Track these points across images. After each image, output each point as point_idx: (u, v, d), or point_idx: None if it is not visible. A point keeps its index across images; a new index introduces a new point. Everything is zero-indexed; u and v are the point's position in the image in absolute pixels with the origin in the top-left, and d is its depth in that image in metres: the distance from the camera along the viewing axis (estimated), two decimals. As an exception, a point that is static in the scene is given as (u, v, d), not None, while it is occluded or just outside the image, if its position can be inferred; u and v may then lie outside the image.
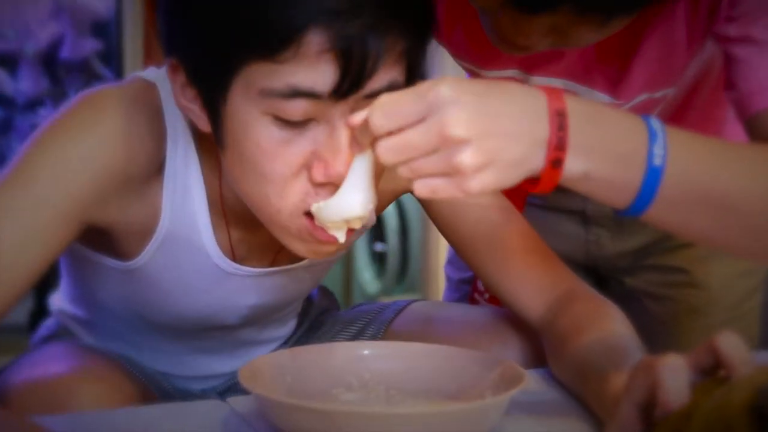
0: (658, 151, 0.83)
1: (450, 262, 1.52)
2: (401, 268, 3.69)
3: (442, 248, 2.42)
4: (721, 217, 0.89)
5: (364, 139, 0.83)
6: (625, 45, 1.10)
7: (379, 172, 0.91)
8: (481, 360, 0.96)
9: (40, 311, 2.72)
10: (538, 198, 1.38)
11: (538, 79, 1.15)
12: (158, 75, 1.03)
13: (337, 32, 0.84)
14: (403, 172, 0.80)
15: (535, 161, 0.81)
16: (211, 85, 0.91)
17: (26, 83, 2.89)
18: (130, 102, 0.99)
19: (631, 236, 1.36)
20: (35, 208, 0.93)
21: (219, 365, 1.23)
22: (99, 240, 1.05)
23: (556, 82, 1.14)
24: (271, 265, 1.12)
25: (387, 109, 0.79)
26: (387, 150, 0.80)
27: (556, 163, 0.81)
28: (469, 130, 0.78)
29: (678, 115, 1.22)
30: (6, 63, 2.87)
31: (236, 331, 1.18)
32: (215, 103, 0.91)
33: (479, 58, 1.17)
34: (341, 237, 0.93)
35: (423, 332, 1.17)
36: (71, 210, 0.95)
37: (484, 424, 0.85)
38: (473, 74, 1.21)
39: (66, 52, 2.89)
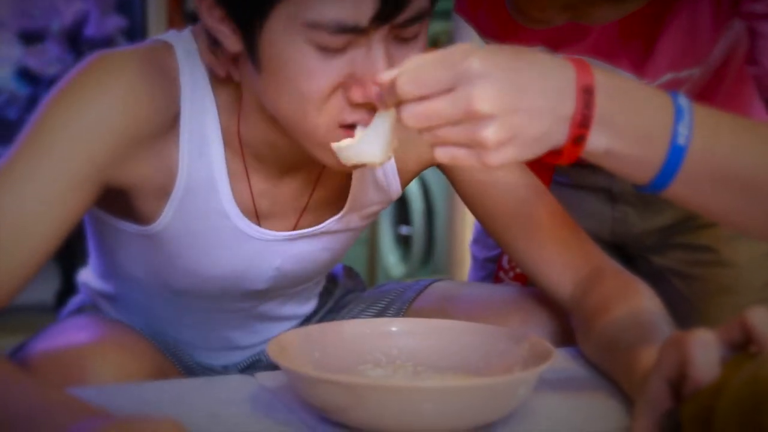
0: (682, 130, 0.83)
1: (476, 241, 1.51)
2: (426, 251, 3.69)
3: (467, 231, 2.41)
4: (743, 197, 0.88)
5: (390, 98, 0.83)
6: (650, 23, 1.09)
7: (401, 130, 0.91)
8: (510, 336, 0.95)
9: (67, 290, 2.75)
10: (565, 176, 1.37)
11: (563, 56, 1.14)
12: (177, 36, 1.04)
13: None
14: (426, 136, 0.81)
15: (557, 137, 0.81)
16: (246, 14, 0.92)
17: (51, 60, 2.90)
18: (140, 61, 0.99)
19: (658, 214, 1.35)
20: (52, 172, 0.94)
21: (242, 339, 1.23)
22: (120, 204, 1.06)
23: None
24: (294, 229, 1.12)
25: (415, 75, 0.80)
26: (411, 115, 0.80)
27: (578, 139, 0.81)
28: (495, 107, 0.78)
29: (704, 95, 1.21)
30: (32, 40, 2.88)
31: (260, 304, 1.18)
32: (251, 27, 0.92)
33: (503, 35, 1.17)
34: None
35: (444, 310, 1.18)
36: (88, 171, 0.96)
37: (512, 399, 0.84)
38: None
39: (91, 30, 2.90)
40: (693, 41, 1.10)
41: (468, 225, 1.50)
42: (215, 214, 1.06)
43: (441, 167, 1.14)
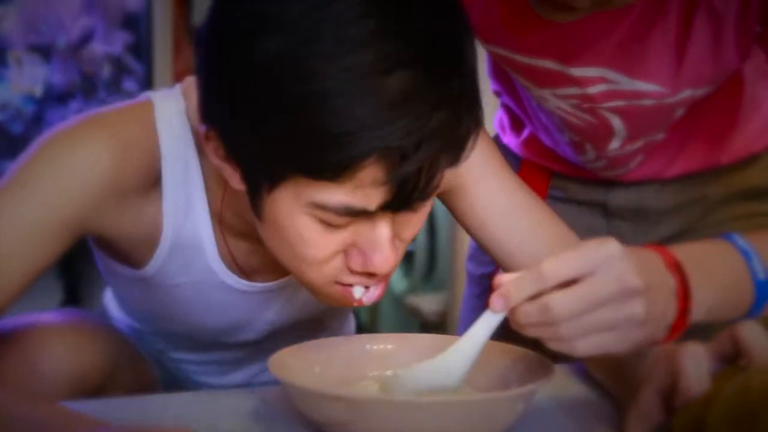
0: (757, 266, 0.90)
1: (471, 258, 1.52)
2: (429, 267, 3.68)
3: (469, 246, 2.42)
4: None
5: (520, 294, 0.81)
6: (674, 33, 1.10)
7: None
8: (508, 352, 0.96)
9: (70, 303, 2.75)
10: (560, 190, 1.38)
11: (576, 70, 1.14)
12: (161, 94, 1.03)
13: (395, 167, 0.82)
14: (568, 331, 0.79)
15: (669, 314, 0.84)
16: (253, 176, 0.89)
17: (57, 76, 2.91)
18: (115, 120, 0.99)
19: (653, 229, 1.36)
20: (35, 209, 0.94)
21: (244, 375, 1.26)
22: (112, 248, 1.07)
23: (594, 71, 1.14)
24: (284, 276, 1.12)
25: (560, 259, 0.80)
26: (564, 300, 0.79)
27: (685, 312, 0.84)
28: (642, 280, 0.80)
29: (698, 104, 1.22)
30: (38, 56, 2.89)
31: (261, 345, 1.19)
32: (257, 187, 0.89)
33: (516, 42, 1.16)
34: (372, 295, 0.94)
35: None
36: (69, 217, 0.96)
37: (510, 414, 0.85)
38: (505, 62, 1.21)
39: (97, 45, 2.91)
40: (718, 59, 1.11)
41: (469, 241, 1.51)
42: (202, 270, 1.06)
43: (443, 195, 1.12)
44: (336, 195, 0.84)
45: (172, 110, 1.01)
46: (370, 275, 0.91)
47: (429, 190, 0.86)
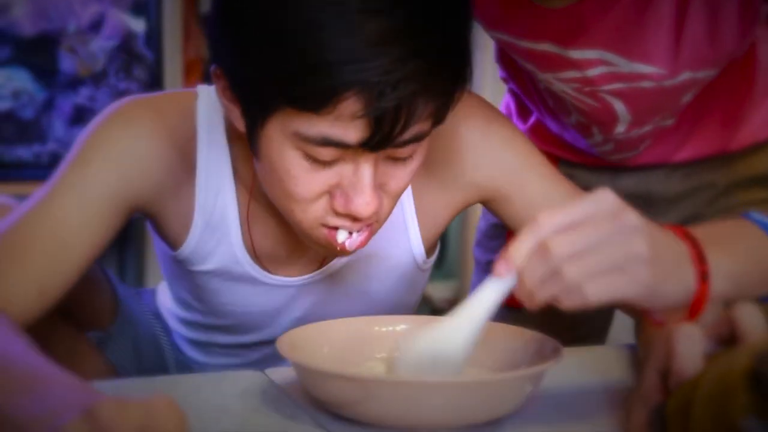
0: None
1: (478, 244, 1.52)
2: (439, 255, 3.67)
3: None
4: None
5: (520, 253, 0.80)
6: (671, 15, 1.09)
7: None
8: (518, 333, 0.96)
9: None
10: (567, 177, 1.37)
11: (574, 52, 1.14)
12: (205, 88, 1.10)
13: (373, 101, 0.85)
14: (573, 275, 0.78)
15: (686, 272, 0.83)
16: (250, 109, 0.94)
17: (67, 63, 2.91)
18: (161, 104, 1.08)
19: (661, 216, 1.36)
20: (93, 188, 1.01)
21: None
22: (157, 227, 1.13)
23: (593, 53, 1.13)
24: (310, 273, 1.14)
25: (555, 210, 0.80)
26: (561, 241, 0.78)
27: (704, 275, 0.84)
28: (639, 219, 0.80)
29: (707, 90, 1.21)
30: (49, 42, 2.90)
31: None
32: (253, 121, 0.94)
33: (515, 27, 1.16)
34: (355, 241, 0.97)
35: None
36: (123, 192, 1.03)
37: (519, 395, 0.85)
38: (507, 46, 1.20)
39: (107, 32, 2.92)
40: (715, 41, 1.11)
41: (479, 229, 1.51)
42: (228, 256, 1.10)
43: (487, 203, 1.14)
44: (316, 126, 0.88)
45: (212, 101, 1.08)
46: (354, 220, 0.94)
47: (408, 135, 0.89)
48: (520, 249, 0.79)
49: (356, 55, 0.84)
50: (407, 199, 1.13)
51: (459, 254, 3.39)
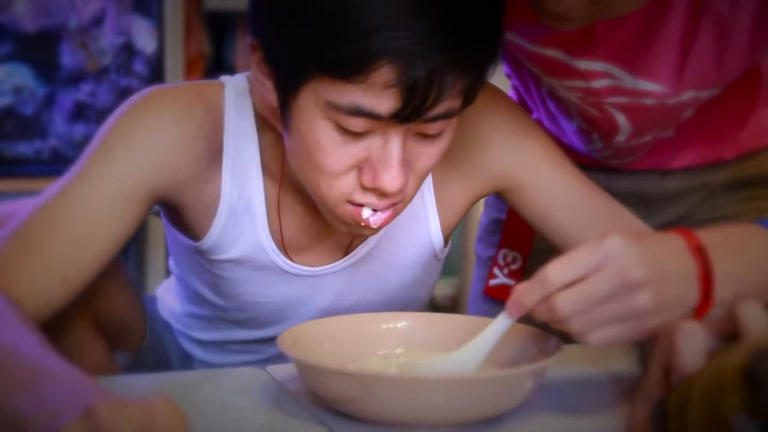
0: None
1: (479, 240, 1.52)
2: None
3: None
4: None
5: (530, 299, 0.83)
6: (679, 35, 1.09)
7: None
8: (519, 330, 0.96)
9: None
10: None
11: (581, 62, 1.14)
12: (230, 78, 1.11)
13: (405, 71, 0.87)
14: (578, 324, 0.82)
15: (691, 298, 0.85)
16: (284, 78, 0.95)
17: (69, 59, 2.91)
18: (188, 93, 1.08)
19: (658, 214, 1.35)
20: (119, 177, 1.01)
21: None
22: (178, 218, 1.12)
23: (599, 65, 1.13)
24: (335, 261, 1.14)
25: (564, 264, 0.82)
26: (568, 300, 0.81)
27: (708, 293, 0.85)
28: (646, 273, 0.81)
29: (709, 105, 1.21)
30: (50, 38, 2.90)
31: None
32: (286, 91, 0.95)
33: (524, 31, 1.16)
34: (380, 218, 0.98)
35: None
36: (149, 180, 1.02)
37: (520, 392, 0.85)
38: (516, 49, 1.20)
39: (108, 28, 2.91)
40: (722, 65, 1.11)
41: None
42: (252, 244, 1.10)
43: (503, 193, 1.16)
44: (349, 95, 0.89)
45: (239, 91, 1.09)
46: (380, 195, 0.95)
47: (438, 109, 0.91)
48: (528, 300, 0.84)
49: (390, 23, 0.86)
50: (427, 187, 1.14)
51: (460, 251, 3.39)
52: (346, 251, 1.15)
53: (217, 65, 3.14)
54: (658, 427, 0.74)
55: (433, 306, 3.27)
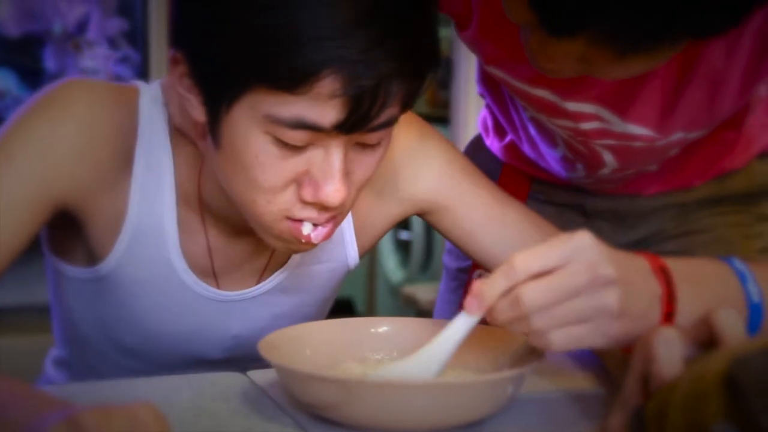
0: (752, 289, 0.89)
1: (449, 252, 1.52)
2: (426, 256, 3.68)
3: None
4: None
5: (492, 292, 0.81)
6: (671, 83, 1.09)
7: None
8: (500, 335, 0.96)
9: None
10: (540, 193, 1.37)
11: (571, 105, 1.13)
12: (145, 85, 1.05)
13: (352, 80, 0.85)
14: (539, 323, 0.80)
15: (653, 316, 0.84)
16: (215, 93, 0.91)
17: (53, 63, 2.90)
18: (104, 93, 1.01)
19: (631, 229, 1.35)
20: (9, 183, 0.95)
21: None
22: (73, 240, 1.06)
23: (589, 108, 1.13)
24: (250, 286, 1.11)
25: (531, 256, 0.80)
26: (534, 293, 0.79)
27: (669, 315, 0.84)
28: (615, 271, 0.80)
29: (696, 142, 1.21)
30: (34, 43, 2.89)
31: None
32: (216, 107, 0.91)
33: (513, 70, 1.16)
34: (321, 233, 0.95)
35: None
36: (44, 187, 0.97)
37: (501, 396, 0.85)
38: (504, 82, 1.19)
39: (92, 32, 2.91)
40: (711, 106, 1.10)
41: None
42: (162, 264, 1.05)
43: (425, 215, 1.15)
44: (291, 108, 0.86)
45: (154, 99, 1.03)
46: (322, 209, 0.93)
47: (382, 118, 0.89)
48: (491, 291, 0.81)
49: (335, 32, 0.84)
50: None
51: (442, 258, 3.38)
52: (260, 277, 1.11)
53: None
54: None
55: (417, 311, 3.27)
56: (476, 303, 0.82)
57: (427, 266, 3.69)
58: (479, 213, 1.12)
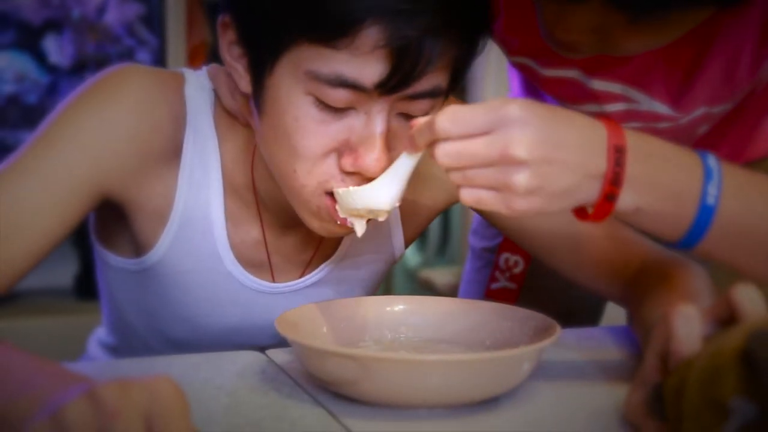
0: (712, 190, 0.84)
1: (474, 232, 1.51)
2: (442, 241, 3.68)
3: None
4: None
5: (421, 140, 0.83)
6: (690, 58, 1.09)
7: (417, 175, 0.91)
8: (515, 314, 0.96)
9: (85, 273, 2.76)
10: None
11: (598, 83, 1.13)
12: (192, 72, 1.04)
13: (396, 29, 0.84)
14: (455, 177, 0.81)
15: (586, 193, 0.82)
16: (260, 52, 0.91)
17: (71, 48, 2.91)
18: (156, 81, 1.00)
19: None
20: (55, 171, 0.94)
21: None
22: (120, 230, 1.05)
23: (616, 87, 1.13)
24: (298, 278, 1.10)
25: (455, 116, 0.80)
26: (446, 153, 0.80)
27: (610, 197, 0.82)
28: (531, 153, 0.79)
29: (724, 123, 1.20)
30: (52, 28, 2.90)
31: None
32: (261, 69, 0.91)
33: (538, 56, 1.15)
34: (360, 228, 0.94)
35: None
36: (91, 175, 0.96)
37: (517, 373, 0.85)
38: (530, 73, 1.19)
39: (110, 17, 2.91)
40: (730, 79, 1.10)
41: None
42: (209, 256, 1.05)
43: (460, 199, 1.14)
44: (332, 64, 0.86)
45: (202, 87, 1.02)
46: (361, 180, 0.91)
47: (426, 84, 0.88)
48: (419, 140, 0.82)
49: None
50: None
51: (461, 240, 3.39)
52: (306, 269, 1.11)
53: (219, 54, 3.14)
54: (654, 411, 0.75)
55: (435, 293, 3.27)
56: (412, 145, 0.84)
57: (444, 250, 3.69)
58: None
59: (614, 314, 1.30)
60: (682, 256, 1.06)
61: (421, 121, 0.83)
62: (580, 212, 0.86)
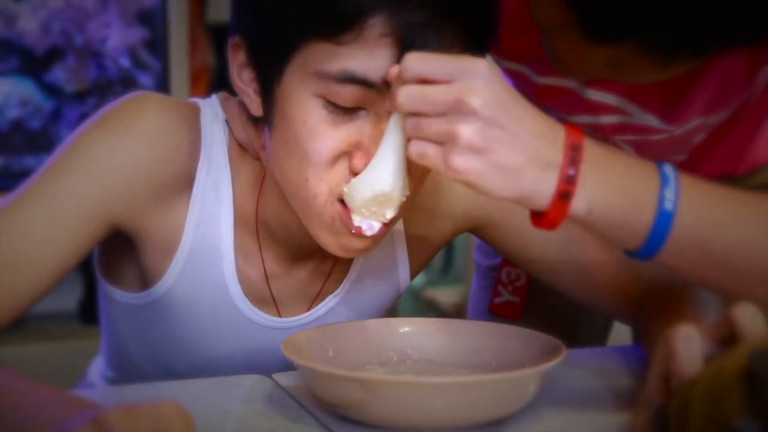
0: (669, 195, 0.83)
1: (478, 249, 1.51)
2: (446, 260, 3.68)
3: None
4: (732, 268, 0.87)
5: (397, 90, 0.82)
6: (685, 78, 1.08)
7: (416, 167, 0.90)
8: (521, 335, 0.96)
9: (90, 298, 2.76)
10: None
11: (593, 93, 1.13)
12: (204, 101, 1.04)
13: (401, 19, 0.85)
14: (409, 125, 0.81)
15: (532, 183, 0.80)
16: (268, 62, 0.92)
17: (74, 73, 2.92)
18: (172, 110, 1.00)
19: None
20: (66, 200, 0.93)
21: None
22: (127, 262, 1.05)
23: (610, 98, 1.12)
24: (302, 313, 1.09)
25: (422, 57, 0.81)
26: (406, 94, 0.80)
27: (564, 196, 0.81)
28: (483, 108, 0.78)
29: (725, 128, 1.20)
30: (55, 54, 2.91)
31: None
32: (270, 82, 0.92)
33: (534, 63, 1.15)
34: (373, 226, 0.92)
35: None
36: (102, 205, 0.95)
37: (522, 395, 0.85)
38: (523, 80, 1.19)
39: (113, 42, 2.93)
40: (725, 92, 1.10)
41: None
42: (216, 288, 1.03)
43: (476, 231, 1.13)
44: (339, 60, 0.86)
45: (216, 117, 1.02)
46: None
47: None
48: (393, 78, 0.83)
49: None
50: (398, 232, 1.10)
51: (465, 259, 3.39)
52: (313, 303, 1.10)
53: (221, 77, 3.15)
54: None
55: (439, 313, 3.27)
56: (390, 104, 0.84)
57: (448, 270, 3.69)
58: (528, 224, 1.11)
59: (623, 328, 1.29)
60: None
61: (395, 69, 0.83)
62: (535, 216, 0.84)
